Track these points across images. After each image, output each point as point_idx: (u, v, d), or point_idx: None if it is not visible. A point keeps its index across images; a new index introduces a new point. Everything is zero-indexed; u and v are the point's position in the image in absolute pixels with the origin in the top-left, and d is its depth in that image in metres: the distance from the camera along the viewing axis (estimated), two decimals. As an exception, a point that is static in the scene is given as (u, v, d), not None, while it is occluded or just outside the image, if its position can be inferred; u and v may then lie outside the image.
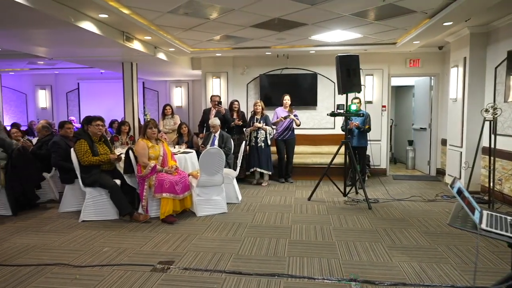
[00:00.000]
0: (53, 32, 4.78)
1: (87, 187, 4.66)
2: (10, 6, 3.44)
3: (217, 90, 8.10)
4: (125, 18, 4.63)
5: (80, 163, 4.63)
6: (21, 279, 3.06)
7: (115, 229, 4.34)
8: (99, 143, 4.86)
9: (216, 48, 7.16)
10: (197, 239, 3.98)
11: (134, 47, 5.71)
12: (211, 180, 4.87)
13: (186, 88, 11.32)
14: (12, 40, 5.38)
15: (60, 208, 5.11)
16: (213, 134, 6.11)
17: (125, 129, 6.67)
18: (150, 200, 4.67)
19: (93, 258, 3.48)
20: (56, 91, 11.92)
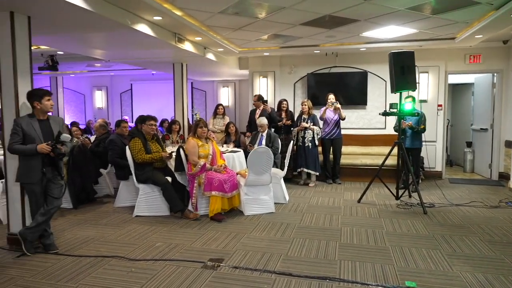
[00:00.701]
0: (110, 35, 5.01)
1: (141, 183, 4.84)
2: (74, 10, 3.65)
3: (264, 89, 8.10)
4: (178, 19, 4.74)
5: (134, 161, 4.82)
6: (82, 269, 3.23)
7: (166, 225, 4.46)
8: (152, 142, 5.03)
9: (264, 48, 7.15)
10: (245, 238, 3.99)
11: (185, 48, 5.85)
12: (259, 180, 4.86)
13: (233, 88, 11.45)
14: (73, 43, 5.72)
15: (115, 203, 5.35)
16: (260, 133, 6.10)
17: (175, 128, 6.87)
18: (199, 197, 4.76)
19: (146, 252, 3.59)
20: (111, 91, 12.57)
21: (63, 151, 3.52)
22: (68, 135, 3.62)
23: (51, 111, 3.65)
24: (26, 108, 3.61)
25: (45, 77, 11.47)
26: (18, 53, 3.59)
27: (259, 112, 6.86)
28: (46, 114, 3.62)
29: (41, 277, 3.09)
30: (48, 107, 3.57)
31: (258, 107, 6.91)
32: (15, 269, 3.24)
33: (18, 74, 3.61)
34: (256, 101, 6.97)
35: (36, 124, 3.51)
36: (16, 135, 3.42)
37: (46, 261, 3.40)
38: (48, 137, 3.53)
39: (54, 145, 3.46)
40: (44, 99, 3.54)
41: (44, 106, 3.54)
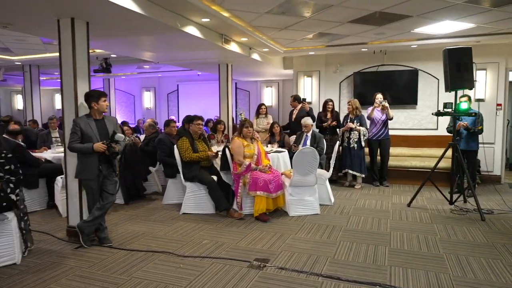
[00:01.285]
0: (160, 38, 5.18)
1: (188, 181, 4.96)
2: (129, 15, 3.81)
3: (309, 89, 8.01)
4: (225, 21, 4.81)
5: (182, 159, 4.94)
6: (134, 262, 3.37)
7: (212, 223, 4.53)
8: (198, 141, 5.14)
9: (310, 47, 7.07)
10: (290, 239, 3.96)
11: (231, 49, 5.92)
12: (304, 180, 4.81)
13: (276, 87, 11.45)
14: (126, 47, 5.99)
15: (164, 200, 5.53)
16: (305, 133, 6.03)
17: (220, 128, 6.98)
18: (244, 197, 4.79)
19: (194, 249, 3.67)
20: (158, 92, 13.05)
21: (117, 150, 3.70)
22: (122, 135, 3.80)
23: (106, 111, 3.85)
24: (84, 108, 3.82)
25: (98, 79, 12.14)
26: (77, 56, 3.81)
27: (296, 112, 6.81)
28: (102, 114, 3.81)
29: (97, 269, 3.25)
30: (104, 108, 3.77)
31: (295, 107, 6.87)
32: (73, 260, 3.45)
33: (78, 76, 3.83)
34: (293, 101, 6.94)
35: (93, 123, 3.71)
36: (75, 134, 3.63)
37: (101, 254, 3.59)
38: (104, 136, 3.72)
39: (109, 144, 3.64)
40: (101, 100, 3.73)
41: (100, 106, 3.73)
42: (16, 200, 3.43)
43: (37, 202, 5.19)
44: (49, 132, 6.67)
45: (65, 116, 3.90)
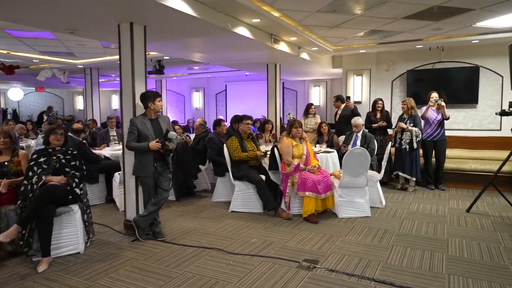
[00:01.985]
0: (211, 39, 5.32)
1: (237, 180, 5.04)
2: (183, 18, 3.95)
3: (359, 88, 7.81)
4: (275, 21, 4.82)
5: (231, 158, 5.03)
6: (186, 257, 3.48)
7: (260, 222, 4.57)
8: (247, 140, 5.20)
9: (360, 45, 6.89)
10: (340, 241, 3.88)
11: (280, 49, 5.93)
12: (354, 182, 4.69)
13: (324, 87, 11.28)
14: (178, 49, 6.21)
15: (213, 198, 5.66)
16: (355, 133, 5.89)
17: (268, 127, 7.01)
18: (292, 197, 4.77)
19: (243, 247, 3.72)
20: (207, 92, 13.38)
21: (170, 148, 3.84)
22: (174, 133, 3.94)
23: (161, 111, 4.01)
24: (140, 108, 4.02)
25: (151, 80, 12.69)
26: (135, 59, 4.01)
27: (339, 112, 6.66)
28: (156, 113, 3.98)
29: (152, 261, 3.41)
30: (159, 107, 3.93)
31: (338, 108, 6.72)
32: (130, 252, 3.63)
33: (135, 77, 4.03)
34: (335, 102, 6.81)
35: (148, 123, 3.89)
36: (132, 133, 3.82)
37: (156, 247, 3.75)
38: (158, 134, 3.88)
39: (163, 142, 3.79)
40: (156, 100, 3.90)
41: (156, 106, 3.90)
42: (80, 194, 3.69)
43: (97, 196, 5.54)
44: (108, 130, 7.08)
45: (124, 116, 4.13)
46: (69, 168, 3.68)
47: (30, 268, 3.28)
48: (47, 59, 8.62)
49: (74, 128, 5.45)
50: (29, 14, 3.81)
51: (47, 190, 3.40)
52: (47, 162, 3.62)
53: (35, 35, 6.17)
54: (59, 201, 3.49)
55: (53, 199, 3.40)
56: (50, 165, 3.62)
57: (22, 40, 6.54)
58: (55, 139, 3.68)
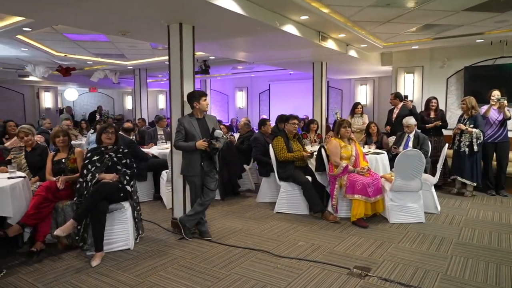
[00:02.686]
0: (257, 38, 5.27)
1: (282, 181, 4.95)
2: (232, 17, 3.93)
3: (410, 86, 7.42)
4: (324, 17, 4.67)
5: (277, 158, 4.95)
6: (232, 258, 3.45)
7: (306, 224, 4.45)
8: (293, 140, 5.09)
9: (412, 40, 6.53)
10: (393, 248, 3.67)
11: (327, 46, 5.76)
12: (407, 185, 4.43)
13: (371, 85, 10.87)
14: (224, 48, 6.23)
15: (257, 198, 5.61)
16: (407, 134, 5.58)
17: (313, 127, 6.85)
18: (340, 200, 4.60)
19: (290, 250, 3.63)
20: (251, 92, 13.40)
21: (217, 146, 3.82)
22: (220, 131, 3.91)
23: (207, 110, 4.00)
24: (188, 108, 4.04)
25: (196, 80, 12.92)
26: (184, 58, 4.05)
27: (397, 111, 6.31)
28: (203, 113, 3.99)
29: (199, 260, 3.41)
30: (205, 107, 3.93)
31: (396, 106, 6.36)
32: (178, 250, 3.67)
33: (184, 77, 4.07)
34: (393, 99, 6.45)
35: (195, 122, 3.90)
36: (180, 133, 3.85)
37: (202, 247, 3.75)
38: (205, 134, 3.88)
39: (210, 141, 3.78)
40: (202, 99, 3.90)
41: (202, 106, 3.90)
42: (131, 191, 3.77)
43: (145, 194, 5.68)
44: (156, 129, 7.28)
45: (172, 116, 4.18)
46: (121, 166, 3.78)
47: (85, 262, 3.40)
48: (100, 61, 9.03)
49: (125, 127, 5.63)
50: (85, 18, 3.97)
51: (101, 187, 3.51)
52: (100, 160, 3.74)
53: (90, 38, 6.46)
54: (111, 198, 3.59)
55: (106, 196, 3.51)
56: (103, 163, 3.73)
57: (78, 43, 6.88)
58: (107, 138, 3.80)
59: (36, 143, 4.42)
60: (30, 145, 4.33)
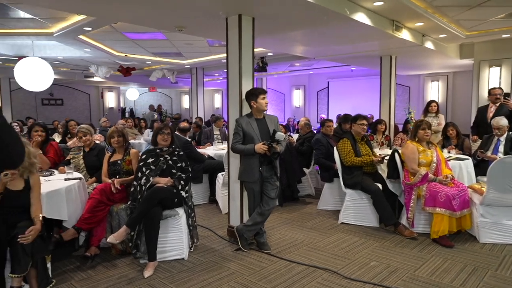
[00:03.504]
0: (321, 30, 4.83)
1: (348, 188, 4.44)
2: (296, 5, 3.53)
3: (495, 82, 6.47)
4: (401, 2, 4.09)
5: (343, 163, 4.45)
6: (294, 278, 3.04)
7: (378, 239, 3.91)
8: (361, 143, 4.56)
9: (504, 28, 5.63)
10: (490, 276, 3.03)
11: (401, 37, 5.11)
12: (502, 199, 3.71)
13: (444, 82, 9.83)
14: (283, 43, 5.84)
15: (319, 205, 5.15)
16: (496, 137, 4.77)
17: (381, 128, 6.19)
18: (417, 212, 3.99)
19: (361, 272, 3.14)
20: (308, 90, 12.87)
21: (278, 150, 3.44)
22: (282, 133, 3.52)
23: (266, 109, 3.61)
24: (247, 107, 3.69)
25: (252, 78, 12.68)
26: (243, 53, 3.71)
27: (493, 110, 5.41)
28: (262, 113, 3.62)
29: (258, 278, 3.05)
30: (263, 106, 3.55)
31: (494, 104, 5.44)
32: (234, 264, 3.34)
33: (242, 74, 3.73)
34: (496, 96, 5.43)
35: (254, 123, 3.54)
36: (237, 135, 3.52)
37: (261, 261, 3.39)
38: (265, 136, 3.51)
39: (270, 144, 3.41)
40: (259, 98, 3.53)
41: (259, 105, 3.54)
42: (186, 197, 3.52)
43: (201, 196, 5.47)
44: (212, 129, 7.08)
45: (229, 115, 3.87)
46: (176, 169, 3.55)
47: (137, 271, 3.20)
48: (158, 60, 9.09)
49: (181, 127, 5.46)
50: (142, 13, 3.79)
51: (154, 192, 3.28)
52: (155, 163, 3.53)
53: (148, 37, 6.42)
54: (165, 204, 3.36)
55: (160, 201, 3.28)
56: (158, 166, 3.52)
57: (137, 42, 6.89)
58: (162, 139, 3.58)
59: (94, 143, 4.36)
60: (88, 145, 4.27)
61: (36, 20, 5.10)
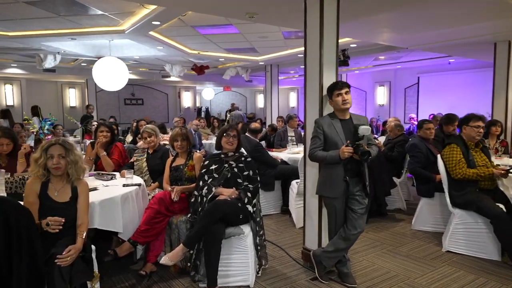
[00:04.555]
0: (419, 11, 3.92)
1: (457, 208, 3.49)
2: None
3: None
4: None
5: (450, 175, 3.50)
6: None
7: (502, 279, 2.94)
8: (475, 151, 3.56)
9: None
10: None
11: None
12: None
13: None
14: (371, 30, 5.00)
15: (414, 224, 4.23)
16: None
17: (495, 131, 4.98)
18: None
19: (488, 333, 2.26)
20: (394, 87, 11.57)
21: (367, 149, 2.67)
22: (367, 127, 2.73)
23: (344, 108, 2.84)
24: (330, 107, 3.00)
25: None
26: (325, 41, 3.04)
27: None
28: (346, 112, 2.89)
29: (340, 326, 2.35)
30: (339, 104, 2.81)
31: None
32: (310, 300, 2.68)
33: (324, 65, 3.05)
34: None
35: (338, 124, 2.84)
36: (317, 139, 2.84)
37: (344, 300, 2.69)
38: (350, 139, 2.78)
39: (355, 143, 2.66)
40: (334, 95, 2.82)
41: (335, 103, 2.83)
42: (253, 212, 2.95)
43: (272, 205, 4.90)
44: (286, 130, 6.47)
45: (307, 115, 3.21)
46: (242, 178, 3.00)
47: (195, 298, 2.72)
48: (232, 57, 8.75)
49: (252, 127, 4.94)
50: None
51: (216, 206, 2.77)
52: (218, 170, 3.03)
53: (219, 31, 6.05)
54: (229, 220, 2.83)
55: (222, 217, 2.76)
56: (221, 174, 3.01)
57: (209, 38, 6.57)
58: (227, 142, 3.06)
59: (159, 145, 4.03)
60: (152, 147, 3.95)
61: (106, 16, 4.99)
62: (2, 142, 3.29)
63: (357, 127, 2.68)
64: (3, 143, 3.29)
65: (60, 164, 2.30)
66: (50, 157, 2.29)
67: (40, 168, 2.29)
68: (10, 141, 3.34)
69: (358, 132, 2.66)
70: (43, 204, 2.28)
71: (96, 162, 3.94)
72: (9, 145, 3.33)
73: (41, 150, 2.30)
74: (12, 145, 3.36)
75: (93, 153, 3.92)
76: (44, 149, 2.30)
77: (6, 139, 3.31)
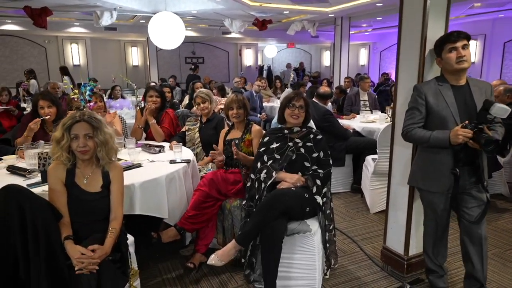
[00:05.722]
0: None
1: None
2: None
3: None
4: None
5: None
6: None
7: None
8: None
9: None
10: None
11: None
12: None
13: None
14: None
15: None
16: None
17: None
18: None
19: None
20: (490, 41, 9.77)
21: (495, 138, 1.85)
22: (506, 107, 1.88)
23: (458, 68, 1.99)
24: (437, 68, 2.19)
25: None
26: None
27: None
28: (460, 75, 2.05)
29: None
30: (452, 63, 1.98)
31: None
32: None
33: (429, 10, 2.20)
34: None
35: (449, 93, 2.02)
36: (416, 111, 2.07)
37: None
38: (468, 115, 1.97)
39: (476, 126, 1.86)
40: (445, 50, 2.00)
41: (446, 60, 2.01)
42: (322, 203, 2.34)
43: (340, 183, 4.25)
44: (358, 93, 5.61)
45: (400, 79, 2.41)
46: (310, 162, 2.38)
47: (250, 303, 2.25)
48: (298, 8, 7.82)
49: (321, 92, 4.21)
50: None
51: (277, 197, 2.20)
52: (280, 150, 2.43)
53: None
54: (292, 214, 2.25)
55: (284, 210, 2.18)
56: (285, 155, 2.41)
57: (273, -14, 5.74)
58: (292, 114, 2.43)
59: (213, 113, 3.51)
60: (206, 115, 3.45)
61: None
62: (42, 104, 2.99)
63: (490, 104, 1.86)
64: (43, 106, 2.99)
65: (87, 146, 1.83)
66: (75, 138, 1.83)
67: (64, 151, 1.84)
68: (51, 104, 3.03)
69: (490, 112, 1.84)
70: (71, 195, 1.86)
71: (146, 130, 3.56)
72: (51, 107, 3.03)
73: (63, 129, 1.83)
74: (54, 108, 3.05)
75: (142, 120, 3.53)
76: (67, 128, 1.82)
77: (46, 101, 3.00)
